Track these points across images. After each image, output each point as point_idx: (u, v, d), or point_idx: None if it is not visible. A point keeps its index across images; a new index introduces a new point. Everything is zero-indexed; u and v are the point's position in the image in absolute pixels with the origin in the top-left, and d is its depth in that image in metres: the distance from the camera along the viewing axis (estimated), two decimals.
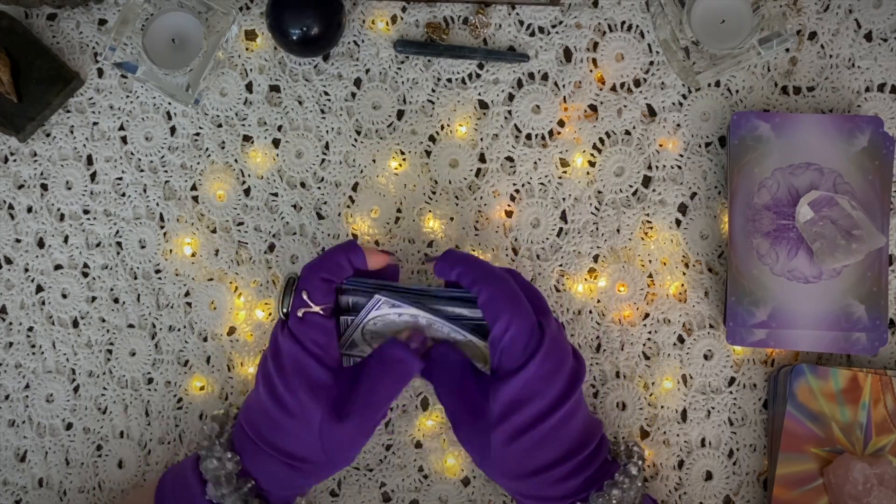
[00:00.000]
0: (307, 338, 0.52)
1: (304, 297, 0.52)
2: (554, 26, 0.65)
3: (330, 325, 0.53)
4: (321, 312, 0.52)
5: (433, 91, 0.66)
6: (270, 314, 0.65)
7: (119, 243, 0.66)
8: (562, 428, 0.52)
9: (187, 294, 0.65)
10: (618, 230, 0.64)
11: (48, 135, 0.66)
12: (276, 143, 0.66)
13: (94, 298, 0.65)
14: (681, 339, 0.64)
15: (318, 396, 0.51)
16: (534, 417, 0.51)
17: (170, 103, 0.66)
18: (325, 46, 0.63)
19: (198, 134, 0.66)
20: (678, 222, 0.64)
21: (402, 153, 0.65)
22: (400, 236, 0.65)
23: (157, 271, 0.65)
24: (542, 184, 0.65)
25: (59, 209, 0.66)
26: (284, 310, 0.53)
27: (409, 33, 0.66)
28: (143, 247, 0.66)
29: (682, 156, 0.65)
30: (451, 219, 0.65)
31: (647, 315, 0.64)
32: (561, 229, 0.65)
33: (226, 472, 0.52)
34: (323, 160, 0.66)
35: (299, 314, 0.52)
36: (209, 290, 0.65)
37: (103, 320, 0.65)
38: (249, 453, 0.53)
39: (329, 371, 0.52)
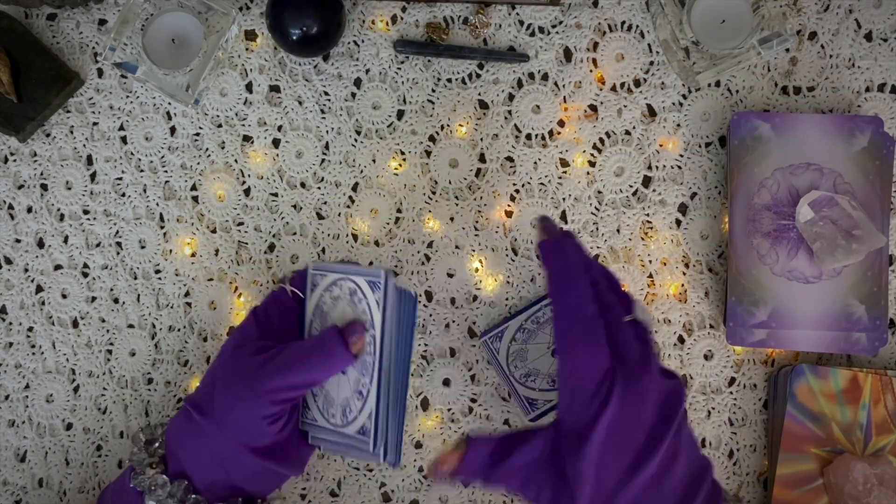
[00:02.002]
0: (263, 304, 0.55)
1: (287, 278, 0.56)
2: (554, 26, 0.65)
3: (290, 304, 0.55)
4: (291, 292, 0.55)
5: (433, 91, 0.66)
6: None
7: (119, 243, 0.66)
8: (659, 484, 0.44)
9: (187, 294, 0.65)
10: (618, 230, 0.64)
11: (48, 135, 0.66)
12: (276, 143, 0.66)
13: (94, 298, 0.65)
14: (681, 340, 0.64)
15: (232, 337, 0.53)
16: (621, 477, 0.44)
17: (170, 103, 0.66)
18: (325, 46, 0.63)
19: (198, 134, 0.66)
20: (678, 222, 0.64)
21: (402, 153, 0.65)
22: (400, 236, 0.65)
23: (157, 271, 0.65)
24: (542, 184, 0.65)
25: (59, 209, 0.66)
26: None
27: (409, 33, 0.66)
28: (143, 247, 0.66)
29: (682, 156, 0.65)
30: (452, 219, 0.65)
31: None
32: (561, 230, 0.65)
33: (157, 482, 0.51)
34: (323, 160, 0.66)
35: (276, 287, 0.56)
36: (209, 290, 0.65)
37: (103, 320, 0.65)
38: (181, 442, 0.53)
39: (259, 328, 0.53)
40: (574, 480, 0.45)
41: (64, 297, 0.66)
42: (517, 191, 0.65)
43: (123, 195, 0.66)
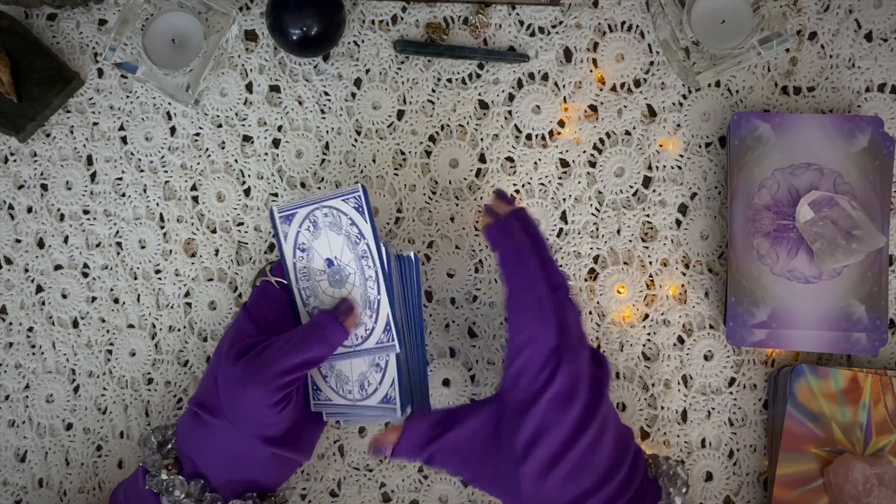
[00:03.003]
0: (252, 300, 0.56)
1: (267, 271, 0.57)
2: (554, 26, 0.65)
3: (279, 294, 0.56)
4: (275, 282, 0.56)
5: (433, 91, 0.66)
6: None
7: (119, 243, 0.66)
8: (595, 449, 0.48)
9: (187, 294, 0.65)
10: (618, 231, 0.64)
11: (48, 135, 0.66)
12: (276, 143, 0.66)
13: (94, 298, 0.65)
14: (681, 340, 0.64)
15: (228, 335, 0.54)
16: (562, 443, 0.47)
17: (170, 103, 0.66)
18: (325, 46, 0.63)
19: (198, 134, 0.66)
20: (678, 223, 0.64)
21: (402, 153, 0.65)
22: (400, 236, 0.65)
23: (157, 271, 0.65)
24: (542, 184, 0.65)
25: (59, 209, 0.66)
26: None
27: (409, 33, 0.66)
28: (143, 247, 0.66)
29: (682, 156, 0.65)
30: (452, 219, 0.65)
31: (646, 316, 0.64)
32: (561, 230, 0.65)
33: (173, 483, 0.52)
34: (323, 160, 0.66)
35: (258, 282, 0.57)
36: (209, 290, 0.65)
37: (103, 320, 0.65)
38: (190, 440, 0.53)
39: (254, 323, 0.54)
40: (515, 452, 0.47)
41: (64, 297, 0.66)
42: (517, 191, 0.65)
43: (123, 195, 0.66)
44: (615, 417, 0.51)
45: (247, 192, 0.66)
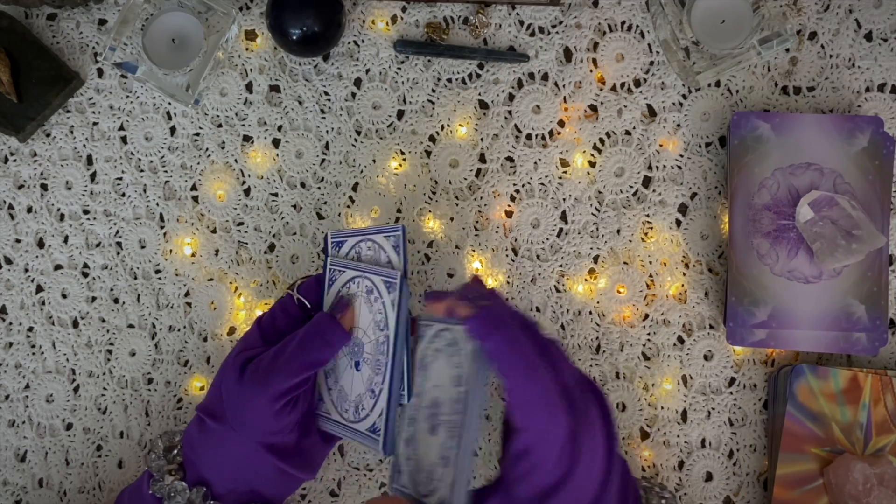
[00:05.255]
0: (268, 313, 0.55)
1: (296, 286, 0.56)
2: (554, 26, 0.65)
3: (296, 312, 0.55)
4: (297, 300, 0.55)
5: (433, 91, 0.66)
6: None
7: (119, 243, 0.66)
8: (609, 500, 0.46)
9: (187, 294, 0.65)
10: (618, 231, 0.64)
11: (48, 135, 0.66)
12: (276, 143, 0.66)
13: (94, 298, 0.65)
14: (681, 340, 0.64)
15: (236, 348, 0.53)
16: None
17: (170, 103, 0.66)
18: (325, 46, 0.63)
19: (198, 134, 0.66)
20: (678, 223, 0.64)
21: (402, 153, 0.65)
22: None
23: (157, 271, 0.65)
24: (542, 184, 0.65)
25: (59, 209, 0.66)
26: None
27: (409, 33, 0.66)
28: (143, 247, 0.66)
29: (682, 156, 0.65)
30: (451, 219, 0.65)
31: (646, 316, 0.64)
32: (561, 230, 0.65)
33: (176, 489, 0.52)
34: (323, 160, 0.66)
35: (285, 293, 0.56)
36: (209, 290, 0.65)
37: (103, 320, 0.65)
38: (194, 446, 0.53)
39: (262, 336, 0.54)
40: None
41: (64, 297, 0.66)
42: (517, 191, 0.65)
43: (123, 195, 0.66)
44: (618, 454, 0.49)
45: (247, 192, 0.66)
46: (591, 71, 0.65)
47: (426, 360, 0.51)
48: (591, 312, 0.64)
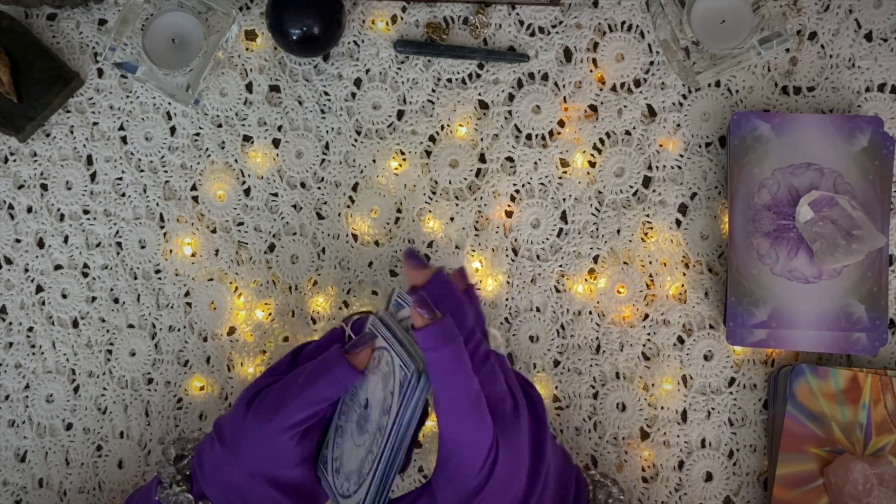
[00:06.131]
0: (316, 341, 0.53)
1: (351, 319, 0.53)
2: (554, 26, 0.65)
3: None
4: (348, 336, 0.52)
5: (433, 91, 0.66)
6: (270, 314, 0.65)
7: (119, 243, 0.66)
8: (544, 494, 0.47)
9: (187, 294, 0.65)
10: (618, 231, 0.64)
11: (48, 135, 0.66)
12: (276, 143, 0.66)
13: (94, 298, 0.65)
14: (681, 340, 0.64)
15: (260, 378, 0.52)
16: None
17: (170, 103, 0.66)
18: (325, 46, 0.63)
19: (198, 134, 0.66)
20: (678, 223, 0.64)
21: (402, 153, 0.65)
22: (400, 236, 0.65)
23: (157, 271, 0.65)
24: (542, 184, 0.65)
25: (59, 209, 0.66)
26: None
27: (409, 33, 0.66)
28: (143, 247, 0.66)
29: (682, 156, 0.65)
30: (451, 219, 0.65)
31: (646, 316, 0.64)
32: (561, 230, 0.65)
33: (180, 500, 0.51)
34: (323, 160, 0.66)
35: (340, 324, 0.53)
36: (209, 290, 0.65)
37: (103, 320, 0.65)
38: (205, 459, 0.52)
39: (290, 366, 0.52)
40: None
41: (64, 297, 0.66)
42: (517, 191, 0.65)
43: (123, 195, 0.66)
44: (554, 449, 0.49)
45: (247, 192, 0.66)
46: (591, 71, 0.65)
47: (375, 357, 0.49)
48: (591, 312, 0.64)
